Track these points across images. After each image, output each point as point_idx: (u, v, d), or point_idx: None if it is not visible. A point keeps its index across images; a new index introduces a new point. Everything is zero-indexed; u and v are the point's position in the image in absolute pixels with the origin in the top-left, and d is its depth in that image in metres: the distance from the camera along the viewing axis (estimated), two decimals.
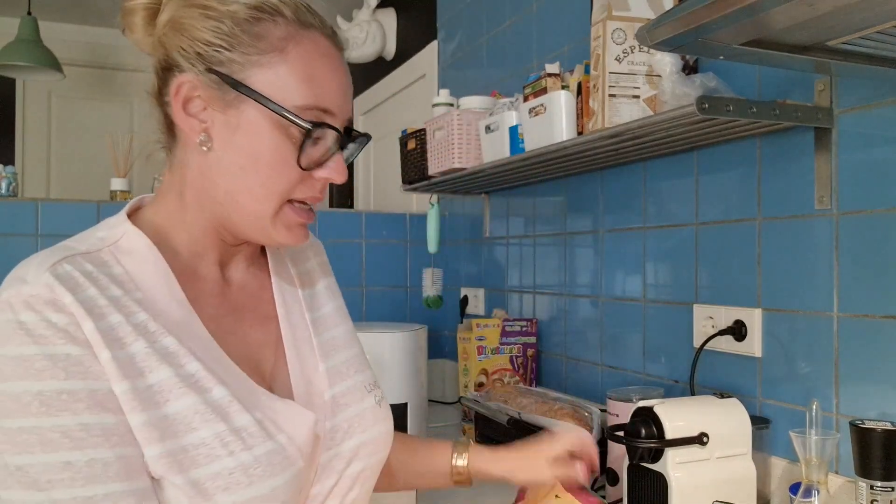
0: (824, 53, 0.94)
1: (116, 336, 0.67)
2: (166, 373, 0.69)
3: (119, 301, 0.69)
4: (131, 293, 0.71)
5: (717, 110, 1.11)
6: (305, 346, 0.85)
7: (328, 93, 0.75)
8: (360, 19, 3.09)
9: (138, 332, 0.69)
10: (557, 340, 1.97)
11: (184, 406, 0.68)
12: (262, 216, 0.75)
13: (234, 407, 0.71)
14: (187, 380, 0.69)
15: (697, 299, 1.47)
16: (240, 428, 0.70)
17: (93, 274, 0.69)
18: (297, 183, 0.75)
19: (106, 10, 3.80)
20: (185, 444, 0.67)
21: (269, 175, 0.74)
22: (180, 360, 0.70)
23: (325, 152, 0.76)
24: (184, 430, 0.67)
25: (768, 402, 1.31)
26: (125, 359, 0.67)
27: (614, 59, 1.33)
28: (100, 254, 0.72)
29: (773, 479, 1.27)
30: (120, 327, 0.68)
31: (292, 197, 0.76)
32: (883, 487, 1.01)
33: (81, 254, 0.71)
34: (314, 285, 0.93)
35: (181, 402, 0.68)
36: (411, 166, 2.11)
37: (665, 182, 1.57)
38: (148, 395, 0.67)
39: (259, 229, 0.77)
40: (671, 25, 0.87)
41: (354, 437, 0.83)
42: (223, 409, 0.70)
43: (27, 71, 3.36)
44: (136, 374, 0.67)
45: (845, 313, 1.18)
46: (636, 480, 1.17)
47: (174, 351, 0.70)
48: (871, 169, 1.14)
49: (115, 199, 2.54)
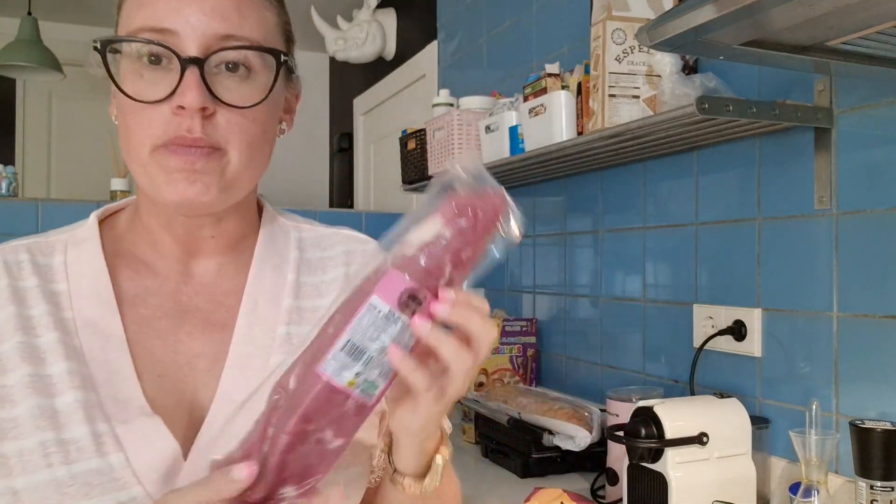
0: (824, 53, 0.94)
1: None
2: (22, 372, 0.65)
3: (26, 292, 0.68)
4: (51, 283, 0.69)
5: (717, 110, 1.11)
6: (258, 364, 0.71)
7: (158, 9, 0.65)
8: (360, 19, 3.09)
9: (21, 325, 0.66)
10: (557, 340, 1.97)
11: (22, 410, 0.63)
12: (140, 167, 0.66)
13: (76, 416, 0.63)
14: (41, 381, 0.65)
15: (697, 299, 1.47)
16: (69, 440, 0.63)
17: (20, 263, 0.70)
18: (157, 119, 0.64)
19: (106, 10, 3.80)
20: (8, 450, 0.63)
21: (122, 116, 0.67)
22: (48, 358, 0.65)
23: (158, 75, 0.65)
24: (18, 435, 0.63)
25: (768, 402, 1.31)
26: None
27: (614, 60, 1.33)
28: (56, 241, 0.73)
29: (773, 479, 1.27)
30: (5, 322, 0.66)
31: (160, 139, 0.64)
32: (883, 487, 1.01)
33: (34, 241, 0.72)
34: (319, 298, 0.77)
35: (22, 405, 0.63)
36: (411, 166, 2.11)
37: (665, 182, 1.57)
38: (0, 395, 0.64)
39: (148, 186, 0.67)
40: (671, 25, 0.87)
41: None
42: (62, 416, 0.63)
43: (27, 71, 3.36)
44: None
45: (845, 313, 1.18)
46: (636, 480, 1.17)
47: (49, 348, 0.66)
48: (871, 169, 1.14)
49: (115, 199, 2.55)
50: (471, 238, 0.56)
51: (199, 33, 0.64)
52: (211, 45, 0.65)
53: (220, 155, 0.66)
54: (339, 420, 0.54)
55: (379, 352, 0.54)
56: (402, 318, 0.54)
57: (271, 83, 0.68)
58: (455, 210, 0.56)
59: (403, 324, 0.54)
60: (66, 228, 0.75)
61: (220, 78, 0.66)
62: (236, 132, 0.66)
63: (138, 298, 0.71)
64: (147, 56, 0.65)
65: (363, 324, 0.54)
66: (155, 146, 0.65)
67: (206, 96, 0.64)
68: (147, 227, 0.73)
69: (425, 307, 0.55)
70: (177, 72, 0.64)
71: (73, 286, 0.70)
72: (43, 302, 0.68)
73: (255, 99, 0.67)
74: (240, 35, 0.66)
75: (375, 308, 0.54)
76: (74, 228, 0.75)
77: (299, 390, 0.53)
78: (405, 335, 0.55)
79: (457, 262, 0.56)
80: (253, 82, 0.67)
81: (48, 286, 0.69)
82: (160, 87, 0.64)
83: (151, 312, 0.71)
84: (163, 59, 0.65)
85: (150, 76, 0.65)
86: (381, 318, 0.54)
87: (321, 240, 0.81)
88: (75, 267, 0.71)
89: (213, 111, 0.65)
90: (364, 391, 0.54)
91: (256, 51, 0.67)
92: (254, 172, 0.70)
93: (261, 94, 0.67)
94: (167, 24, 0.64)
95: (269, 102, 0.68)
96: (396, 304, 0.54)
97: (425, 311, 0.56)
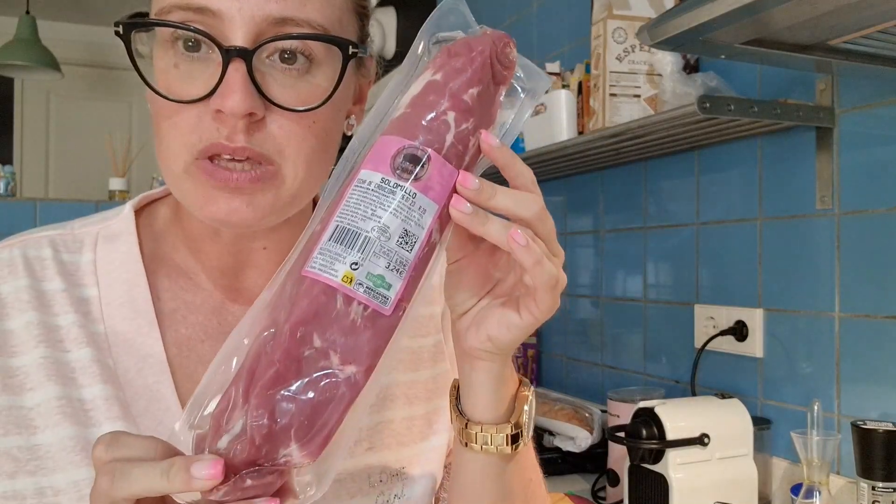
0: (826, 53, 0.94)
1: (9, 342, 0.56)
2: (50, 392, 0.55)
3: (51, 296, 0.58)
4: (79, 287, 0.59)
5: (719, 110, 1.11)
6: None
7: None
8: None
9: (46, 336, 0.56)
10: (557, 340, 1.96)
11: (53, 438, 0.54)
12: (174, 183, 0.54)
13: None
14: (74, 406, 0.55)
15: (698, 299, 1.47)
16: None
17: (43, 261, 0.59)
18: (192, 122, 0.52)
19: (105, 10, 3.80)
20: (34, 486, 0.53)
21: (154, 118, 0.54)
22: (82, 379, 0.56)
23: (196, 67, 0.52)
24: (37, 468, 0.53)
25: (769, 402, 1.31)
26: (6, 370, 0.55)
27: (615, 59, 1.32)
28: (84, 235, 0.62)
29: (775, 480, 1.27)
30: (24, 330, 0.56)
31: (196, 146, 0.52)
32: (884, 488, 1.00)
33: (58, 234, 0.61)
34: None
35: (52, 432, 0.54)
36: None
37: (666, 182, 1.56)
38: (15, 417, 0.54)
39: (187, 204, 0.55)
40: (672, 24, 0.87)
41: None
42: None
43: (26, 70, 3.36)
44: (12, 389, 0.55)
45: (847, 313, 1.17)
46: (637, 481, 1.17)
47: (82, 366, 0.56)
48: (873, 169, 1.14)
49: (113, 198, 2.54)
50: (472, 77, 0.44)
51: (249, 16, 0.50)
52: (263, 31, 0.51)
53: (272, 172, 0.53)
54: (346, 335, 0.39)
55: (379, 232, 0.40)
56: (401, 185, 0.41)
57: (337, 79, 0.53)
58: (446, 54, 0.45)
59: (405, 192, 0.41)
60: (97, 218, 0.63)
61: (273, 72, 0.52)
62: (292, 142, 0.53)
63: (177, 314, 0.60)
64: (183, 41, 0.52)
65: (351, 203, 0.41)
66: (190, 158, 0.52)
67: (254, 98, 0.50)
68: (188, 231, 0.62)
69: (432, 172, 0.42)
70: (218, 64, 0.50)
71: (103, 292, 0.59)
72: (71, 310, 0.58)
73: (317, 100, 0.53)
74: (300, 18, 0.51)
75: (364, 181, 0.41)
76: (107, 219, 0.63)
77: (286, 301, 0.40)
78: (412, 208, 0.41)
79: (461, 108, 0.43)
80: (314, 77, 0.53)
81: (75, 291, 0.59)
82: (198, 82, 0.51)
83: (192, 332, 0.60)
84: (202, 46, 0.51)
85: (186, 67, 0.52)
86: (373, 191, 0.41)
87: None
88: (106, 268, 0.60)
89: (262, 116, 0.51)
90: (371, 291, 0.40)
91: (321, 41, 0.52)
92: (314, 184, 0.56)
93: (324, 94, 0.53)
94: (207, 2, 0.50)
95: (335, 100, 0.54)
96: (390, 169, 0.41)
97: (436, 177, 0.42)
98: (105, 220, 0.63)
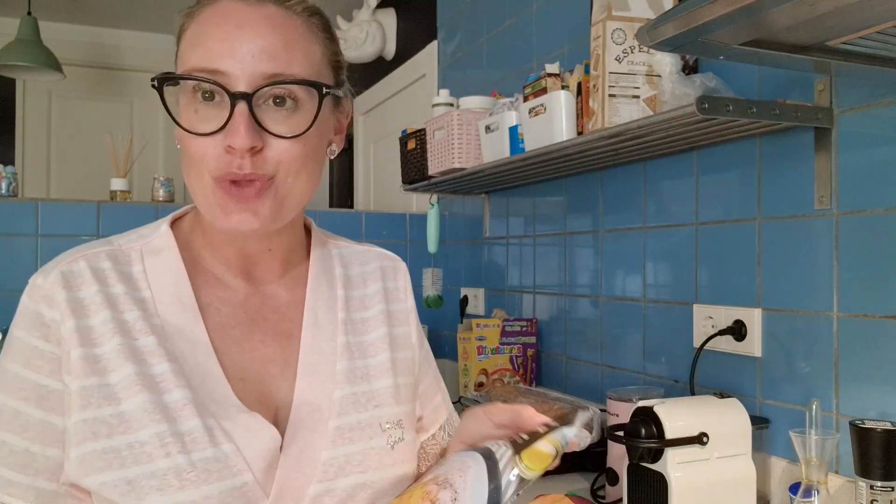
0: (824, 53, 0.94)
1: (92, 335, 0.71)
2: (129, 370, 0.71)
3: (117, 298, 0.74)
4: (137, 291, 0.75)
5: (717, 110, 1.11)
6: (325, 370, 0.80)
7: (211, 50, 0.70)
8: (360, 19, 3.09)
9: (119, 329, 0.72)
10: (557, 340, 1.97)
11: (135, 405, 0.70)
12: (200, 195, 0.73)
13: (186, 411, 0.70)
14: (148, 379, 0.71)
15: (697, 299, 1.47)
16: (184, 432, 0.70)
17: (105, 271, 0.75)
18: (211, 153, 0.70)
19: (106, 10, 3.81)
20: (126, 442, 0.69)
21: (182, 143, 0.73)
22: (151, 359, 0.72)
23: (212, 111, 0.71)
24: (127, 429, 0.69)
25: (768, 402, 1.31)
26: (93, 357, 0.71)
27: (614, 59, 1.33)
28: (130, 250, 0.78)
29: (773, 479, 1.27)
30: (102, 325, 0.72)
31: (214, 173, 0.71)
32: (883, 487, 1.01)
33: (110, 249, 0.77)
34: (365, 310, 0.87)
35: (134, 400, 0.70)
36: (411, 166, 2.11)
37: (665, 182, 1.57)
38: (105, 392, 0.70)
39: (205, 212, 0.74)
40: (671, 25, 0.87)
41: (351, 477, 0.76)
42: (174, 411, 0.70)
43: (27, 71, 3.36)
44: (100, 371, 0.70)
45: (845, 313, 1.18)
46: (636, 480, 1.17)
47: (150, 350, 0.72)
48: (872, 169, 1.14)
49: (114, 199, 2.54)
50: None
51: (248, 73, 0.69)
52: (259, 83, 0.70)
53: (271, 183, 0.72)
54: None
55: None
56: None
57: (316, 111, 0.73)
58: None
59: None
60: (135, 235, 0.80)
61: (268, 111, 0.71)
62: (285, 159, 0.72)
63: (212, 307, 0.78)
64: (201, 93, 0.71)
65: None
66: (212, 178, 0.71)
67: (254, 132, 0.69)
68: (210, 239, 0.80)
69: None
70: (227, 107, 0.69)
71: (156, 294, 0.76)
72: (135, 308, 0.74)
73: (302, 128, 0.72)
74: (286, 73, 0.71)
75: None
76: (145, 237, 0.80)
77: None
78: None
79: None
80: (300, 112, 0.72)
81: (134, 293, 0.75)
82: (212, 122, 0.70)
83: (226, 321, 0.78)
84: (216, 96, 0.70)
85: (204, 112, 0.71)
86: None
87: (358, 256, 0.91)
88: (154, 276, 0.77)
89: (261, 147, 0.70)
90: None
91: (300, 85, 0.72)
92: (303, 193, 0.75)
93: (307, 123, 0.72)
94: (219, 66, 0.69)
95: (317, 128, 0.74)
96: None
97: None
98: (142, 237, 0.80)
